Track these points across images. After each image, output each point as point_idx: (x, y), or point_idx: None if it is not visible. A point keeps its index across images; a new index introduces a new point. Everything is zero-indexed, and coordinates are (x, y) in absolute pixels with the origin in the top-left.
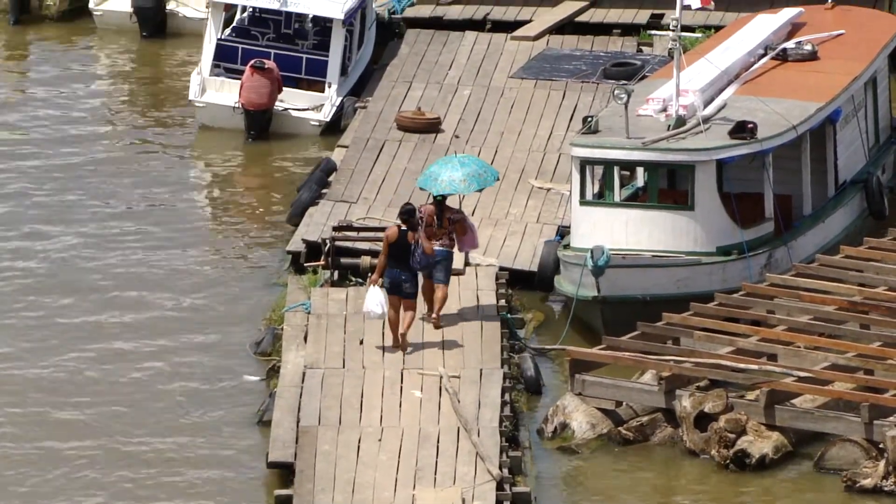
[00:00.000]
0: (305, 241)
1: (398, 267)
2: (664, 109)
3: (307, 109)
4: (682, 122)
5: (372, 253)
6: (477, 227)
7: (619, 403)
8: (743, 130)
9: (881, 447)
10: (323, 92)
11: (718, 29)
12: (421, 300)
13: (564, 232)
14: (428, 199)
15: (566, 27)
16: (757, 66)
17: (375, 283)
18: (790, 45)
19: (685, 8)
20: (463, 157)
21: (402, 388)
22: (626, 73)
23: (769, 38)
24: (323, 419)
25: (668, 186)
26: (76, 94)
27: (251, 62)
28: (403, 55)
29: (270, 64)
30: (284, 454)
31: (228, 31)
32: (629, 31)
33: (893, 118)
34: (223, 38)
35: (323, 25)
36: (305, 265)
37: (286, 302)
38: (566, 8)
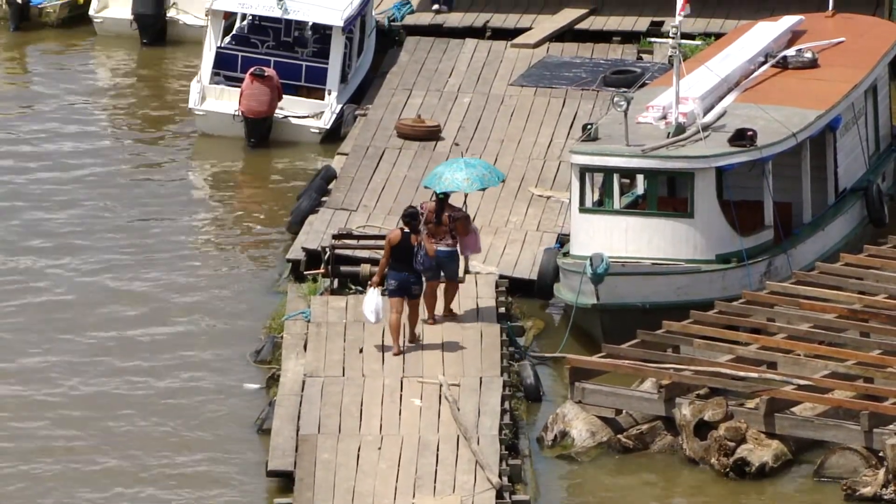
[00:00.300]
0: (305, 249)
1: (405, 269)
2: (664, 117)
3: (307, 117)
4: (681, 129)
5: (372, 261)
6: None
7: (618, 411)
8: (742, 138)
9: (881, 455)
10: (323, 99)
11: (719, 36)
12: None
13: (564, 240)
14: (431, 197)
15: (566, 35)
16: (757, 73)
17: (375, 285)
18: (790, 52)
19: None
20: (469, 159)
21: (401, 396)
22: (626, 80)
23: (769, 45)
24: (323, 427)
25: (668, 194)
26: (76, 101)
27: (251, 70)
28: (403, 63)
29: (270, 72)
30: (284, 462)
31: (228, 38)
32: (629, 38)
33: (893, 126)
34: (223, 45)
35: (322, 33)
36: (305, 273)
37: (286, 310)
38: (566, 15)
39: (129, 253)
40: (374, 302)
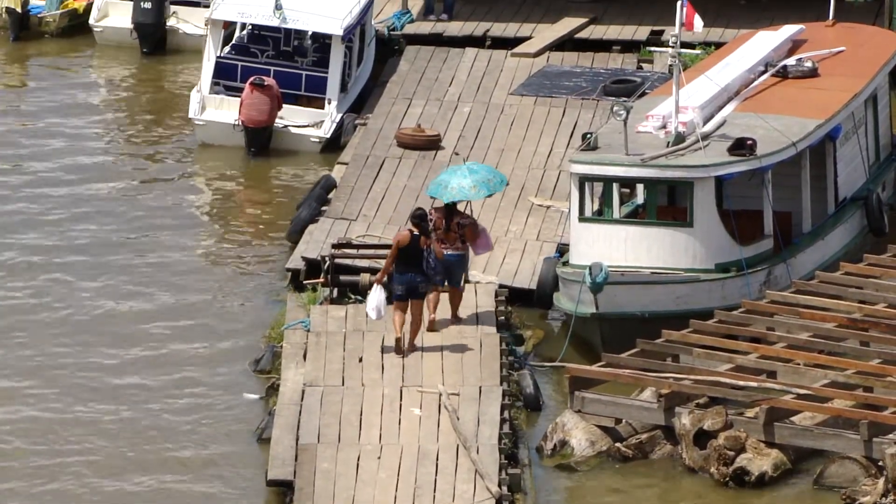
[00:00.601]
0: (305, 258)
1: (411, 271)
2: (663, 126)
3: (307, 126)
4: (681, 138)
5: (371, 270)
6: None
7: (618, 421)
8: (742, 147)
9: (880, 465)
10: (323, 109)
11: (719, 46)
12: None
13: (564, 249)
14: (432, 204)
15: (566, 44)
16: (757, 82)
17: (378, 283)
18: (791, 61)
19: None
20: (472, 164)
21: (401, 405)
22: (626, 90)
23: (770, 55)
24: (322, 437)
25: (667, 203)
26: (76, 110)
27: (251, 79)
28: (403, 72)
29: (270, 81)
30: (284, 472)
31: (228, 48)
32: (629, 47)
33: (894, 135)
34: (223, 55)
35: (322, 42)
36: (305, 283)
37: (286, 319)
38: (566, 24)
39: (128, 262)
40: (376, 299)
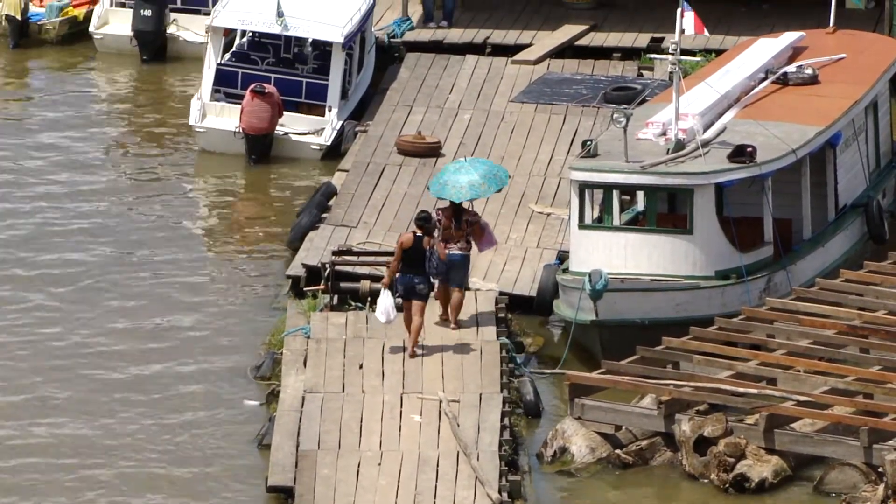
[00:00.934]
0: (305, 265)
1: (411, 272)
2: (664, 133)
3: (307, 134)
4: (681, 145)
5: (372, 277)
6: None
7: (618, 427)
8: (742, 154)
9: (880, 471)
10: (323, 116)
11: (719, 53)
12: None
13: (564, 256)
14: (436, 204)
15: (566, 51)
16: (757, 89)
17: (386, 286)
18: (791, 68)
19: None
20: (472, 159)
21: (401, 412)
22: (626, 97)
23: (770, 62)
24: (322, 443)
25: (667, 210)
26: (76, 118)
27: (251, 87)
28: (403, 79)
29: (271, 88)
30: (284, 478)
31: (228, 55)
32: (629, 54)
33: (894, 142)
34: (223, 62)
35: (322, 49)
36: (305, 290)
37: (286, 326)
38: (566, 32)
39: (128, 269)
40: (385, 303)
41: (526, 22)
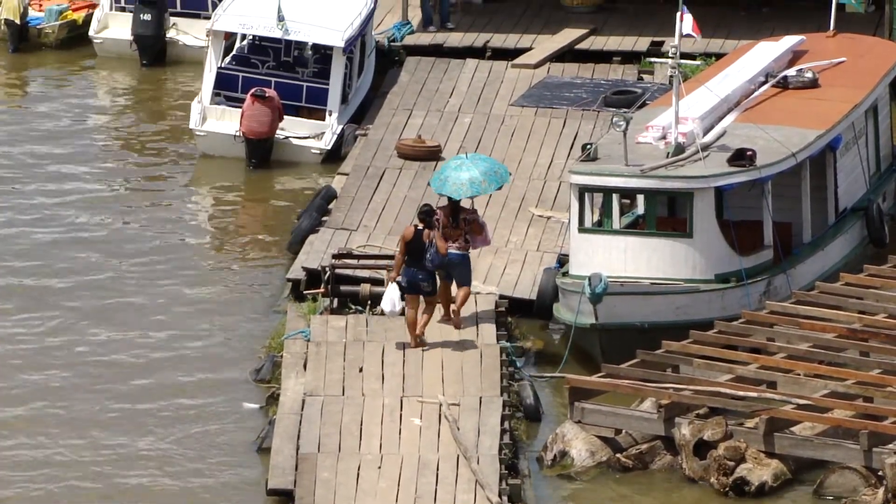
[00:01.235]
0: (305, 268)
1: (414, 266)
2: (663, 137)
3: (308, 137)
4: (681, 149)
5: (372, 281)
6: (478, 254)
7: (618, 431)
8: (742, 158)
9: (880, 474)
10: (323, 120)
11: (719, 56)
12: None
13: (564, 260)
14: (438, 201)
15: (566, 55)
16: (757, 93)
17: (393, 280)
18: (791, 72)
19: (685, 36)
20: (472, 155)
21: (401, 415)
22: (626, 100)
23: (770, 65)
24: (322, 446)
25: (667, 214)
26: (75, 122)
27: (252, 91)
28: (404, 83)
29: (271, 92)
30: (284, 481)
31: (228, 59)
32: (629, 58)
33: (894, 146)
34: (223, 66)
35: (323, 53)
36: (305, 293)
37: (286, 329)
38: (566, 35)
39: (128, 272)
40: (391, 295)
41: (526, 26)
